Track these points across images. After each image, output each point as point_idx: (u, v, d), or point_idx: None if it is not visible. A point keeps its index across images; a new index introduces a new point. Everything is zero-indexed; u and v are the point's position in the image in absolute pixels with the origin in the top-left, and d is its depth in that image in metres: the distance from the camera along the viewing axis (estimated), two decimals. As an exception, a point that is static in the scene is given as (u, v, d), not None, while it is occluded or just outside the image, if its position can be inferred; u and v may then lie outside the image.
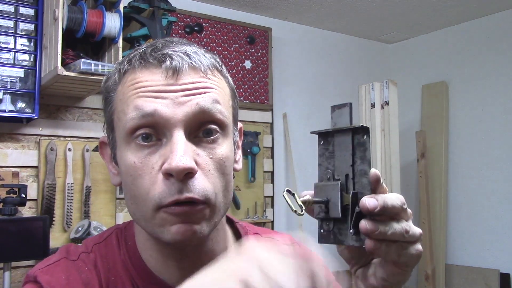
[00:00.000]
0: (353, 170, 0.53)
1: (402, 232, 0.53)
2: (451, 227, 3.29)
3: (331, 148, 0.56)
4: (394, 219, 0.53)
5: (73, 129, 2.35)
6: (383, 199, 0.51)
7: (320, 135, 0.58)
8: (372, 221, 0.51)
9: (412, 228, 0.55)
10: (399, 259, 0.54)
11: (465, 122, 3.27)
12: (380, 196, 0.52)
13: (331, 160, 0.55)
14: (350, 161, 0.53)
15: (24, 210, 2.17)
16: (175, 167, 0.59)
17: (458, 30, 3.37)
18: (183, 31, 2.78)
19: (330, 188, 0.54)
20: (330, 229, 0.54)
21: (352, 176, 0.53)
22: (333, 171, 0.55)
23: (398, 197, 0.54)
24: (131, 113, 0.63)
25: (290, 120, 3.18)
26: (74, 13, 2.01)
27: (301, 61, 3.33)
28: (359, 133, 0.53)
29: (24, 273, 2.16)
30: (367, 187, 0.52)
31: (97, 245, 0.73)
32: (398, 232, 0.52)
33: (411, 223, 0.56)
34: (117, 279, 0.69)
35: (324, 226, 0.55)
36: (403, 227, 0.53)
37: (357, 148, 0.53)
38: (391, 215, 0.53)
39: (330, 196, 0.54)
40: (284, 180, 3.15)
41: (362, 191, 0.52)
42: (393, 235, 0.52)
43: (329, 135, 0.56)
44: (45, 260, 0.71)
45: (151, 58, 0.65)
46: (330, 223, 0.54)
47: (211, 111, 0.64)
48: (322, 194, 0.54)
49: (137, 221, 0.68)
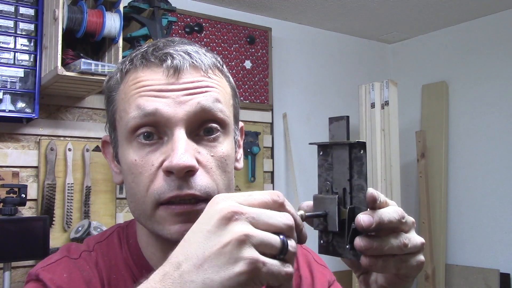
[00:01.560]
0: (350, 185, 0.54)
1: (400, 246, 0.52)
2: (451, 227, 3.29)
3: (329, 160, 0.56)
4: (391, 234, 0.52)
5: (73, 129, 2.35)
6: (379, 216, 0.51)
7: (319, 146, 0.58)
8: (367, 238, 0.51)
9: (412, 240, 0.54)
10: (399, 271, 0.54)
11: (465, 122, 3.27)
12: (376, 213, 0.51)
13: (330, 172, 0.56)
14: (347, 175, 0.54)
15: (24, 210, 2.17)
16: (176, 165, 0.60)
17: (458, 30, 3.37)
18: (183, 31, 2.78)
19: (328, 202, 0.54)
20: (329, 240, 0.55)
21: (350, 190, 0.53)
22: (332, 183, 0.55)
23: (396, 211, 0.53)
24: (132, 112, 0.64)
25: (290, 120, 3.18)
26: (74, 13, 2.01)
27: (301, 61, 3.33)
28: (356, 147, 0.54)
29: (24, 273, 2.16)
30: (363, 202, 0.52)
31: (99, 243, 0.74)
32: (396, 246, 0.52)
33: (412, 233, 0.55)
34: (118, 277, 0.70)
35: (324, 238, 0.55)
36: (401, 241, 0.52)
37: (354, 163, 0.54)
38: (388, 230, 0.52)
39: (328, 210, 0.54)
40: (284, 180, 3.15)
41: (359, 206, 0.53)
42: (390, 249, 0.51)
43: (328, 147, 0.57)
44: (47, 259, 0.71)
45: (153, 57, 0.66)
46: (329, 235, 0.55)
47: (212, 110, 0.64)
48: (320, 206, 0.55)
49: (137, 219, 0.68)
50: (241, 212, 0.46)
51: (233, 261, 0.44)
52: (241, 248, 0.44)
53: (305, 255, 0.84)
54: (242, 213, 0.46)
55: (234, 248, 0.44)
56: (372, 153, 2.96)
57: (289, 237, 0.46)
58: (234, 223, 0.45)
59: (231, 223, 0.45)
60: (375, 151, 2.94)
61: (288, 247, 0.46)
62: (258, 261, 0.44)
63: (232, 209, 0.46)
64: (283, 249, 0.45)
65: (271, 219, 0.46)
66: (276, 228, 0.46)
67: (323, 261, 0.85)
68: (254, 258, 0.44)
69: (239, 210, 0.46)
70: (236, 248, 0.44)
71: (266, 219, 0.46)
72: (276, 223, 0.46)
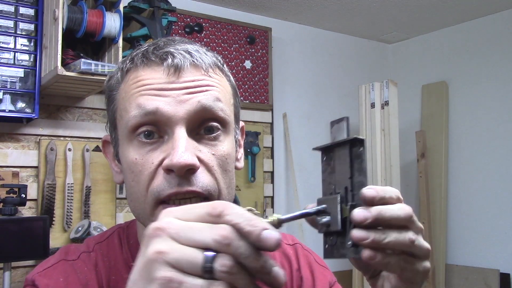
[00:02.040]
0: (351, 183, 0.53)
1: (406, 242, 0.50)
2: (451, 227, 3.29)
3: (332, 163, 0.56)
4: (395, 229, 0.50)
5: (73, 129, 2.35)
6: (378, 211, 0.49)
7: (323, 151, 0.58)
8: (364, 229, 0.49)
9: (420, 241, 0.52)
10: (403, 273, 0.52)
11: (465, 122, 3.27)
12: (375, 208, 0.49)
13: (333, 175, 0.56)
14: (348, 174, 0.53)
15: (24, 210, 2.16)
16: (177, 163, 0.60)
17: (458, 30, 3.37)
18: (183, 31, 2.78)
19: (330, 202, 0.54)
20: (333, 243, 0.54)
21: (351, 188, 0.53)
22: (335, 185, 0.55)
23: (401, 208, 0.51)
24: (133, 111, 0.64)
25: (290, 120, 3.18)
26: (74, 13, 2.01)
27: (301, 61, 3.33)
28: (356, 145, 0.54)
29: (24, 273, 2.15)
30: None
31: (99, 244, 0.74)
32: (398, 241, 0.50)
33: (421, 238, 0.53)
34: (118, 278, 0.70)
35: (328, 241, 0.55)
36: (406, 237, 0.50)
37: (355, 160, 0.54)
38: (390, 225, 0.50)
39: (330, 210, 0.53)
40: (284, 180, 3.15)
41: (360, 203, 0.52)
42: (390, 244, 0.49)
43: (330, 150, 0.57)
44: (44, 263, 0.71)
45: (153, 56, 0.66)
46: (333, 238, 0.54)
47: (212, 109, 0.64)
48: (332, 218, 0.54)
49: (138, 218, 0.68)
50: (164, 227, 0.41)
51: (148, 282, 0.40)
52: (154, 267, 0.40)
53: (306, 256, 0.83)
54: (165, 229, 0.41)
55: (148, 267, 0.41)
56: (372, 153, 2.96)
57: (222, 252, 0.40)
58: (154, 240, 0.41)
59: (151, 240, 0.41)
60: (375, 151, 2.94)
61: (213, 263, 0.39)
62: (171, 280, 0.39)
63: (156, 225, 0.42)
64: (206, 267, 0.40)
65: (195, 234, 0.41)
66: (200, 243, 0.40)
67: (324, 262, 0.85)
68: (167, 277, 0.39)
69: (162, 226, 0.41)
70: (150, 268, 0.40)
71: (191, 234, 0.41)
72: (200, 238, 0.40)
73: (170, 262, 0.40)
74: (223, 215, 0.41)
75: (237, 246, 0.40)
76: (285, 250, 0.83)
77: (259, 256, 0.41)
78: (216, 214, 0.41)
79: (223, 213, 0.41)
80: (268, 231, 0.41)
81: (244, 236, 0.40)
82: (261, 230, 0.40)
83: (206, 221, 0.42)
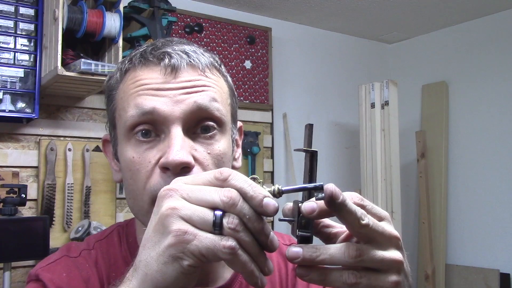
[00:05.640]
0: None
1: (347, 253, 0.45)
2: (451, 227, 3.29)
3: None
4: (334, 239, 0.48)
5: (73, 129, 2.35)
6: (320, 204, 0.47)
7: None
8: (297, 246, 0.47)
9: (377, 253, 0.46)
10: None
11: (465, 122, 3.27)
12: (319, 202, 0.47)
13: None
14: (307, 179, 0.55)
15: (24, 210, 2.17)
16: (172, 161, 0.61)
17: (458, 30, 3.37)
18: (183, 31, 2.79)
19: (295, 204, 0.55)
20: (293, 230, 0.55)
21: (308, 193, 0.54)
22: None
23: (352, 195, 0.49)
24: (131, 110, 0.65)
25: (290, 120, 3.18)
26: (74, 13, 2.01)
27: (301, 61, 3.33)
28: (314, 156, 0.55)
29: (24, 273, 2.16)
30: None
31: (99, 242, 0.75)
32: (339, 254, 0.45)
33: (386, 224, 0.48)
34: (118, 275, 0.70)
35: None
36: (348, 247, 0.45)
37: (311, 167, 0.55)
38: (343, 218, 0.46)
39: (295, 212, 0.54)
40: (284, 180, 3.15)
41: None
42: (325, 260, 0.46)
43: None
44: (47, 259, 0.73)
45: (151, 56, 0.67)
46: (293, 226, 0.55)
47: (208, 109, 0.65)
48: (292, 211, 0.54)
49: (136, 216, 0.70)
50: (175, 189, 0.46)
51: (163, 235, 0.45)
52: (169, 221, 0.44)
53: None
54: (177, 190, 0.46)
55: (163, 222, 0.45)
56: (372, 153, 2.96)
57: (229, 212, 0.45)
58: (167, 199, 0.46)
59: (164, 200, 0.46)
60: (375, 151, 2.94)
61: (222, 221, 0.44)
62: (186, 232, 0.44)
63: (168, 187, 0.47)
64: (216, 223, 0.44)
65: (205, 195, 0.45)
66: (209, 203, 0.45)
67: None
68: (182, 229, 0.44)
69: (174, 188, 0.46)
70: (165, 222, 0.45)
71: (200, 195, 0.45)
72: (209, 198, 0.45)
73: (184, 217, 0.44)
74: (229, 179, 0.46)
75: (241, 207, 0.45)
76: (282, 249, 0.84)
77: (260, 219, 0.46)
78: (223, 179, 0.46)
79: (229, 178, 0.46)
80: (269, 199, 0.46)
81: (247, 200, 0.45)
82: (263, 197, 0.46)
83: (213, 185, 0.46)
